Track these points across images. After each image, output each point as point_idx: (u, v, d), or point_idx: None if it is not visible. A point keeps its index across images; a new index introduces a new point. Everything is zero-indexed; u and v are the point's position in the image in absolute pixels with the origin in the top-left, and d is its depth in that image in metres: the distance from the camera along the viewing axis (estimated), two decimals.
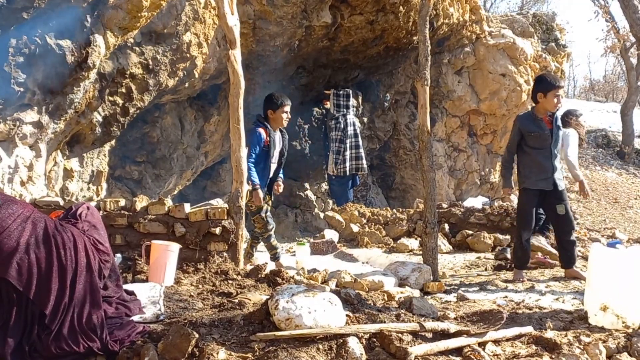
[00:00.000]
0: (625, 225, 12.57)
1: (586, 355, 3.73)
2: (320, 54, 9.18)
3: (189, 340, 3.22)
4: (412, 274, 5.98)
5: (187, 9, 6.33)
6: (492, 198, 12.38)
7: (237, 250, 5.15)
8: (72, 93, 5.46)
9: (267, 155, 6.30)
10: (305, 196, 10.69)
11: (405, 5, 9.11)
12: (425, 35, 6.29)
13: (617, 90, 34.80)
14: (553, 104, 6.07)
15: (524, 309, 4.96)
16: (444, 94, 12.00)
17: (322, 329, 3.36)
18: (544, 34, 13.77)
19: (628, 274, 4.43)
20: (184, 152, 8.29)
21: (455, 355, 3.52)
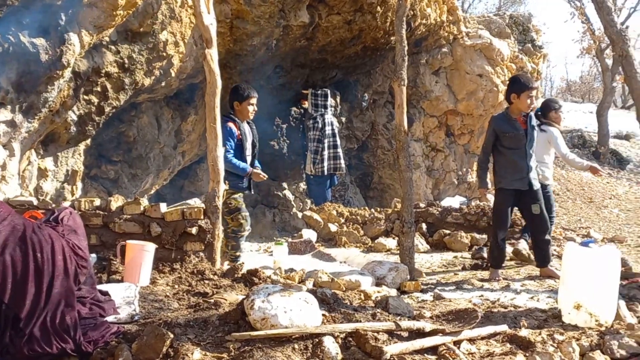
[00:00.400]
0: (600, 224, 12.69)
1: (560, 353, 3.76)
2: (298, 53, 9.17)
3: (164, 340, 3.21)
4: (389, 273, 5.99)
5: (164, 8, 6.30)
6: (470, 198, 12.46)
7: (214, 250, 5.13)
8: (46, 92, 5.41)
9: (242, 149, 6.27)
10: (283, 196, 10.67)
11: (383, 6, 9.13)
12: (402, 35, 6.31)
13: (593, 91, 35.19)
14: (526, 104, 6.13)
15: (499, 307, 5.00)
16: (422, 94, 12.04)
17: (298, 329, 3.36)
18: (520, 35, 13.89)
19: (601, 273, 4.48)
20: (160, 151, 8.24)
21: (430, 354, 3.54)
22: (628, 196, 15.91)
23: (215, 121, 5.21)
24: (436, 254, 8.14)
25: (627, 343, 4.00)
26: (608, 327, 4.41)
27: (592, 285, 4.47)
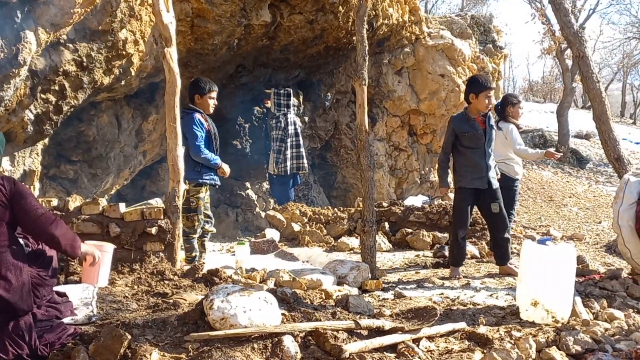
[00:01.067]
0: (560, 222, 12.88)
1: (517, 349, 3.82)
2: (260, 52, 9.16)
3: (121, 341, 3.19)
4: (351, 272, 6.01)
5: (123, 6, 6.24)
6: (432, 197, 12.57)
7: (174, 250, 5.11)
8: (1, 90, 5.32)
9: (210, 141, 6.23)
10: (246, 195, 10.65)
11: (345, 5, 9.16)
12: (363, 35, 6.34)
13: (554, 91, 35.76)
14: (484, 104, 6.22)
15: (459, 305, 5.06)
16: (385, 93, 12.11)
17: (257, 328, 3.37)
18: (481, 36, 14.04)
19: (557, 271, 4.56)
20: (121, 151, 8.16)
21: (389, 352, 3.57)
22: (587, 195, 16.17)
23: (175, 120, 5.19)
24: (398, 252, 8.19)
25: (583, 339, 4.08)
26: (564, 324, 4.50)
27: (549, 283, 4.55)
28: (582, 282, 5.77)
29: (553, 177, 17.71)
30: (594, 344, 4.06)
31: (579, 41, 7.21)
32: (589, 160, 20.20)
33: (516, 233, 9.58)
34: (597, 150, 20.74)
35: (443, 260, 7.32)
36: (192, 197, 6.10)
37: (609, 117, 7.09)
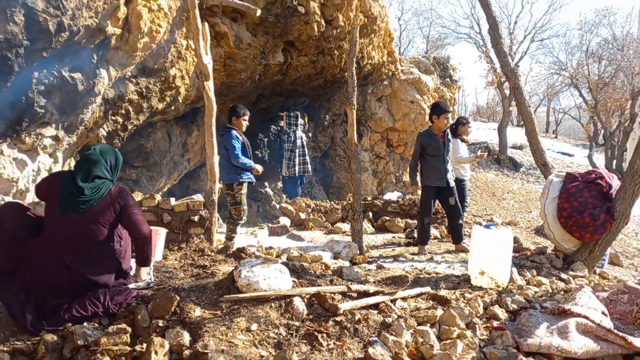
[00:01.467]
0: (500, 212, 12.87)
1: (469, 307, 3.81)
2: (275, 85, 9.16)
3: (172, 301, 3.18)
4: (344, 249, 6.01)
5: (172, 50, 6.24)
6: (404, 193, 12.54)
7: (211, 233, 5.10)
8: (82, 114, 5.33)
9: (246, 150, 6.29)
10: (265, 192, 10.64)
11: (339, 50, 9.15)
12: (352, 72, 6.33)
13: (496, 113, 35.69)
14: (444, 123, 6.24)
15: (425, 274, 5.04)
16: (369, 115, 12.09)
17: (274, 292, 3.36)
18: (441, 72, 14.02)
19: (498, 248, 4.55)
20: (171, 159, 8.16)
21: (373, 309, 3.55)
22: (521, 191, 16.15)
23: (212, 136, 5.19)
24: (379, 234, 8.17)
25: (518, 299, 4.07)
26: (504, 288, 4.48)
27: (493, 257, 4.53)
28: (517, 257, 5.75)
29: (495, 178, 17.68)
30: (527, 303, 4.06)
31: (514, 76, 7.18)
32: (522, 165, 20.18)
33: (468, 220, 9.57)
34: (528, 158, 20.73)
35: (413, 240, 7.31)
36: (237, 193, 6.19)
37: (537, 133, 7.06)
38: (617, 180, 5.78)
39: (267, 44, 7.84)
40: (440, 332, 3.46)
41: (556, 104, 34.82)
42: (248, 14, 7.15)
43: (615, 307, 4.01)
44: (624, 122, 18.86)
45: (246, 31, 7.47)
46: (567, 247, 5.77)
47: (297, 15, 7.74)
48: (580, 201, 5.52)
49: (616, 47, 20.18)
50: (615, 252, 8.80)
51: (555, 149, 24.97)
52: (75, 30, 4.44)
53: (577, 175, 5.83)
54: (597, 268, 6.00)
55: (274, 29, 7.70)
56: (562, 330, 3.52)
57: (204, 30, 5.15)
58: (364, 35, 9.63)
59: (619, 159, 18.96)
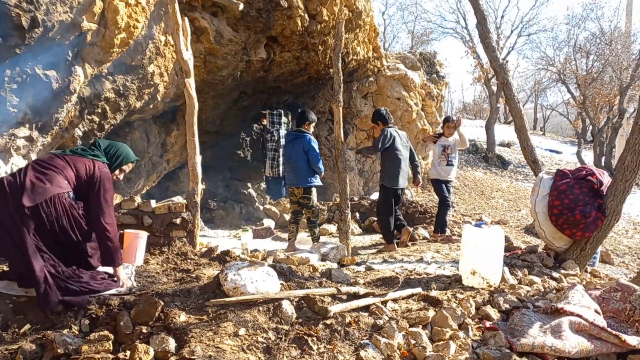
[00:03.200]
0: (489, 211, 12.97)
1: (460, 307, 3.85)
2: (258, 82, 9.14)
3: (156, 307, 3.17)
4: (332, 251, 6.03)
5: (151, 46, 6.20)
6: None
7: (194, 235, 5.08)
8: (57, 113, 5.27)
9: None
10: (248, 193, 10.62)
11: (323, 45, 9.17)
12: (338, 68, 6.37)
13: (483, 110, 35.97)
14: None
15: (415, 275, 5.08)
16: (354, 113, 12.12)
17: (262, 295, 3.37)
18: (428, 68, 14.10)
19: (489, 247, 4.60)
20: (150, 160, 8.10)
21: (364, 311, 3.57)
22: (509, 189, 16.30)
23: (194, 135, 5.16)
24: (367, 235, 8.22)
25: (510, 299, 4.12)
26: (496, 288, 4.54)
27: (484, 256, 4.58)
28: (508, 256, 5.82)
29: (484, 176, 17.83)
30: (519, 302, 4.11)
31: (503, 71, 7.26)
32: (510, 163, 20.37)
33: (456, 219, 9.64)
34: (517, 156, 20.93)
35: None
36: (313, 196, 6.86)
37: (527, 129, 7.15)
38: (607, 177, 5.87)
39: (249, 40, 7.83)
40: (433, 334, 3.50)
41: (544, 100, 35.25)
42: (229, 8, 7.13)
43: (608, 305, 4.08)
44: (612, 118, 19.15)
45: (227, 26, 7.45)
46: (558, 245, 5.85)
47: (279, 9, 7.74)
48: (571, 198, 5.60)
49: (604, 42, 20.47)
50: (606, 250, 8.94)
51: (543, 146, 25.25)
52: (50, 26, 4.40)
53: (568, 172, 5.91)
54: (589, 266, 6.10)
55: (256, 24, 7.69)
56: (555, 330, 3.57)
57: (184, 26, 5.13)
58: (348, 30, 9.65)
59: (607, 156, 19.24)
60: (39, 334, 3.04)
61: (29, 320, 3.17)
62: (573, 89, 21.47)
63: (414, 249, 6.86)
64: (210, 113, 8.84)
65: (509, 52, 25.59)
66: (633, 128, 5.52)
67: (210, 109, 8.70)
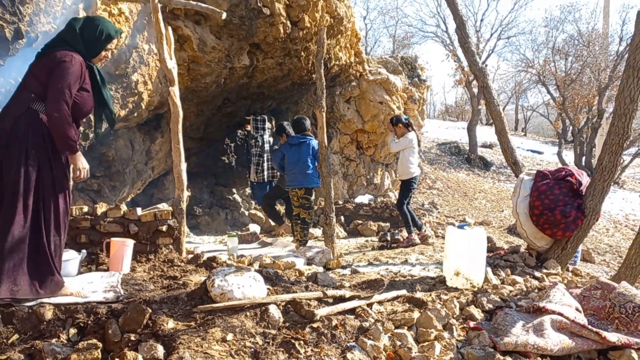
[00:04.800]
0: (473, 212, 13.09)
1: (445, 308, 3.91)
2: (241, 88, 9.16)
3: (144, 314, 3.19)
4: (317, 255, 6.07)
5: (134, 55, 6.20)
6: (376, 196, 12.68)
7: (181, 242, 5.08)
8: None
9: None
10: (233, 199, 10.61)
11: (306, 51, 9.22)
12: (320, 74, 6.42)
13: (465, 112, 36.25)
14: None
15: (400, 277, 5.14)
16: (337, 117, 12.17)
17: (249, 300, 3.40)
18: (409, 72, 14.20)
19: (472, 248, 4.67)
20: (134, 167, 8.07)
21: (350, 314, 3.62)
22: (492, 190, 16.45)
23: (179, 142, 5.17)
24: (352, 239, 8.27)
25: (493, 299, 4.20)
26: (479, 288, 4.61)
27: (467, 257, 4.65)
28: (491, 256, 5.90)
29: (466, 177, 17.99)
30: (502, 302, 4.18)
31: (483, 75, 7.36)
32: (493, 164, 20.56)
33: (440, 220, 9.74)
34: (499, 157, 21.13)
35: (386, 244, 7.42)
36: (312, 197, 7.12)
37: (507, 131, 7.25)
38: (586, 177, 5.99)
39: (232, 47, 7.85)
40: (418, 335, 3.55)
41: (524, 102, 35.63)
42: (212, 17, 7.15)
43: (588, 303, 4.17)
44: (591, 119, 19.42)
45: (210, 34, 7.47)
46: (540, 245, 5.94)
47: (262, 16, 7.77)
48: (551, 199, 5.70)
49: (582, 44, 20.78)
50: (587, 249, 9.09)
51: (525, 147, 25.53)
52: (33, 36, 4.39)
53: (548, 172, 6.02)
54: (570, 265, 6.21)
55: (238, 31, 7.71)
56: (537, 328, 3.64)
57: (168, 34, 5.15)
58: (330, 36, 9.72)
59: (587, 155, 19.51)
60: (27, 343, 3.04)
61: (17, 330, 3.17)
62: (552, 90, 21.74)
63: (398, 251, 6.92)
64: (195, 120, 8.85)
65: (489, 55, 25.88)
66: (610, 129, 5.65)
67: (194, 115, 8.70)
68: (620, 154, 5.63)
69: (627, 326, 3.87)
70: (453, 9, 7.46)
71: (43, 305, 3.28)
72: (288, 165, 7.31)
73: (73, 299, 3.48)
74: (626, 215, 14.43)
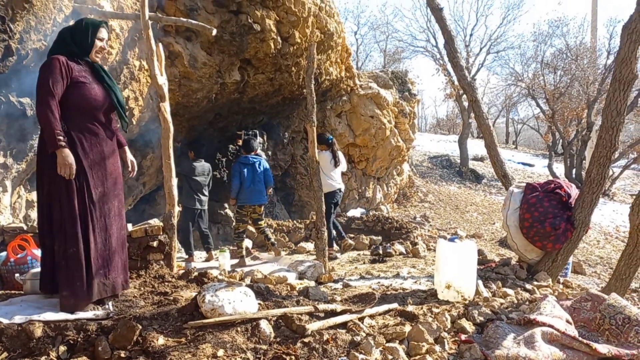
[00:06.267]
0: (464, 225, 13.10)
1: (436, 321, 3.91)
2: (232, 103, 9.19)
3: (134, 330, 3.17)
4: (309, 269, 6.06)
5: (125, 71, 6.22)
6: (368, 209, 12.69)
7: (171, 258, 5.06)
8: (31, 140, 5.24)
9: None
10: (224, 214, 10.58)
11: (296, 67, 9.27)
12: (311, 89, 6.45)
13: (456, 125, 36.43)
14: None
15: (392, 290, 5.14)
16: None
17: (240, 315, 3.38)
18: (400, 86, 14.29)
19: (463, 261, 4.68)
20: (125, 183, 8.06)
21: (342, 328, 3.61)
22: (484, 203, 16.49)
23: (170, 158, 5.18)
24: (344, 252, 8.25)
25: (484, 311, 4.20)
26: (470, 301, 4.61)
27: (458, 270, 4.66)
28: (482, 269, 5.92)
29: (458, 190, 18.03)
30: (493, 315, 4.19)
31: (472, 89, 7.43)
32: (484, 177, 20.64)
33: (432, 234, 9.75)
34: (490, 169, 21.21)
35: (378, 257, 7.42)
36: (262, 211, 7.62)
37: (496, 145, 7.30)
38: (575, 189, 6.03)
39: (223, 63, 7.89)
40: (409, 348, 3.54)
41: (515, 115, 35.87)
42: (203, 33, 7.20)
43: (579, 315, 4.18)
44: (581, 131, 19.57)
45: (201, 50, 7.51)
46: (531, 257, 5.97)
47: (252, 32, 7.83)
48: (540, 211, 5.73)
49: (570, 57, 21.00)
50: (578, 260, 9.12)
51: (516, 160, 25.66)
52: (24, 54, 4.41)
53: (537, 185, 6.06)
54: (561, 277, 6.23)
55: (229, 47, 7.76)
56: (528, 340, 3.65)
57: (159, 51, 5.17)
58: (321, 52, 9.78)
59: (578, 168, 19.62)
60: None
61: (6, 348, 3.14)
62: (542, 104, 21.92)
63: (390, 265, 6.92)
64: (186, 135, 8.86)
65: (478, 69, 26.11)
66: (597, 142, 5.71)
67: (185, 130, 8.72)
68: (608, 167, 5.69)
69: (617, 337, 3.88)
70: (442, 25, 7.54)
71: (32, 323, 3.25)
72: (244, 184, 7.53)
73: (63, 315, 3.46)
74: (617, 227, 14.51)
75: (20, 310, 3.50)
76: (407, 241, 8.28)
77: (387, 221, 9.28)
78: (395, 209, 14.36)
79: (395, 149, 13.38)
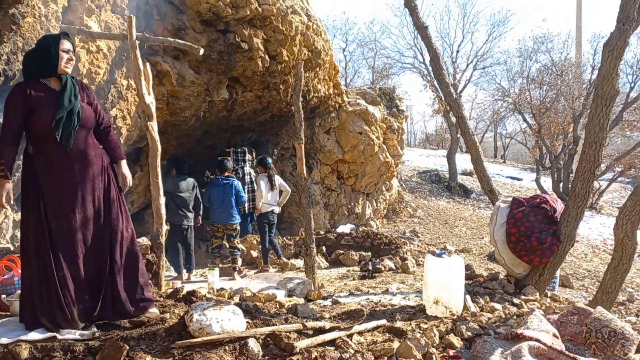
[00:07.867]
0: (453, 239, 13.15)
1: (425, 337, 3.92)
2: (221, 121, 9.22)
3: (121, 351, 3.15)
4: (298, 286, 6.05)
5: (113, 90, 6.24)
6: (357, 225, 12.71)
7: (160, 277, 5.06)
8: (19, 160, 5.23)
9: None
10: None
11: (284, 84, 9.34)
12: (299, 106, 6.50)
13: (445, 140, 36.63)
14: None
15: (381, 306, 5.14)
16: (318, 148, 12.27)
17: (227, 334, 3.38)
18: (388, 102, 14.41)
19: (451, 276, 4.71)
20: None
21: (330, 346, 3.60)
22: (472, 218, 16.57)
23: (158, 177, 5.19)
24: (334, 269, 8.25)
25: (472, 326, 4.22)
26: (458, 316, 4.63)
27: (446, 286, 4.69)
28: (470, 284, 5.94)
29: (447, 205, 18.11)
30: (481, 330, 4.21)
31: (457, 106, 7.52)
32: (473, 191, 20.75)
33: (421, 249, 9.78)
34: (478, 184, 21.27)
35: (368, 273, 7.43)
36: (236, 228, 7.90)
37: (483, 160, 7.38)
38: (560, 204, 6.10)
39: (211, 81, 7.94)
40: None
41: (502, 129, 36.17)
42: (190, 52, 7.25)
43: (565, 329, 4.21)
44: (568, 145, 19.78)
45: (189, 69, 7.55)
46: (518, 272, 6.01)
47: (240, 51, 7.89)
48: (527, 226, 5.79)
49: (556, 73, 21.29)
50: (566, 274, 9.18)
51: (505, 174, 25.85)
52: (11, 75, 4.41)
53: (523, 200, 6.13)
54: (549, 291, 6.27)
55: (217, 66, 7.81)
56: (515, 355, 3.66)
57: (146, 70, 5.21)
58: (309, 69, 9.86)
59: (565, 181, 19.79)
60: None
61: None
62: (529, 118, 22.17)
63: (379, 281, 6.94)
64: (175, 153, 8.86)
65: (466, 85, 26.35)
66: (581, 157, 5.79)
67: (174, 148, 8.73)
68: (593, 181, 5.76)
69: (603, 351, 3.91)
70: (427, 43, 7.65)
71: (19, 344, 3.23)
72: (214, 204, 7.72)
73: (49, 335, 3.44)
74: (604, 240, 14.63)
75: (7, 332, 3.48)
76: (396, 257, 8.30)
77: (377, 237, 9.30)
78: (385, 224, 14.39)
79: (384, 164, 13.45)
